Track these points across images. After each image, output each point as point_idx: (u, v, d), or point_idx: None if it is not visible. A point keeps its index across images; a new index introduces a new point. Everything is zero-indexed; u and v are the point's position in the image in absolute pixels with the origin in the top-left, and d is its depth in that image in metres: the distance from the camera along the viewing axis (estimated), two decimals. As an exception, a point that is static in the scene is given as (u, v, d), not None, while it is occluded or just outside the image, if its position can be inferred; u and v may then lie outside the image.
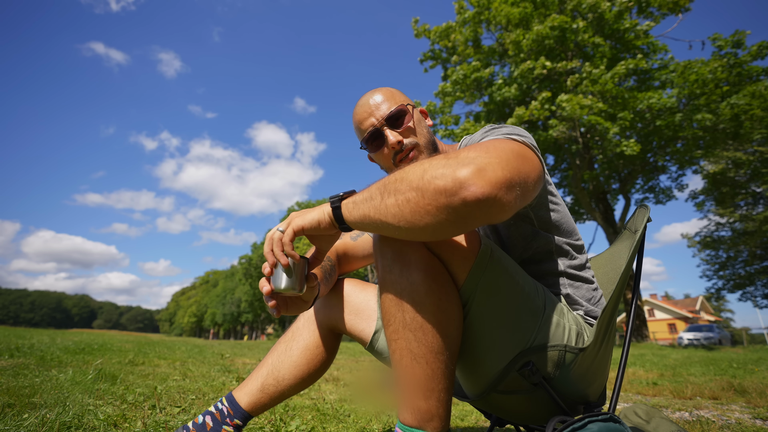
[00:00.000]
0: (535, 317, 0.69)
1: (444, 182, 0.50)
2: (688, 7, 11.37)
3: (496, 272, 0.66)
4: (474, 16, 12.71)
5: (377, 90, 0.91)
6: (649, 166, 13.33)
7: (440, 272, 0.63)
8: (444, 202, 0.50)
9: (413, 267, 0.61)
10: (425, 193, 0.51)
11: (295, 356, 0.90)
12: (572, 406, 0.77)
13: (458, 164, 0.51)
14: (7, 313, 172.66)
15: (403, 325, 0.61)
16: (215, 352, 5.65)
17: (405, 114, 0.87)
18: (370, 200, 0.59)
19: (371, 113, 0.88)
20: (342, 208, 0.63)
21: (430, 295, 0.60)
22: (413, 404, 0.60)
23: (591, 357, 0.75)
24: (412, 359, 0.60)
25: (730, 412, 2.07)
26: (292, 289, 0.67)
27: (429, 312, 0.60)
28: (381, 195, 0.57)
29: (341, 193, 0.65)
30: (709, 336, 18.20)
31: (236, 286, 45.37)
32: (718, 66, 9.99)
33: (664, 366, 4.82)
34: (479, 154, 0.53)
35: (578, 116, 10.03)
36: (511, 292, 0.67)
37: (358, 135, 0.93)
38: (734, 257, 17.90)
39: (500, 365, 0.68)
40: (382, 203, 0.56)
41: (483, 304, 0.65)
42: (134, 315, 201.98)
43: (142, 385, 2.02)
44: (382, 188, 0.57)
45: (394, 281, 0.62)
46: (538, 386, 0.70)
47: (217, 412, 0.85)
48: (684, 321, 38.13)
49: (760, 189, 14.56)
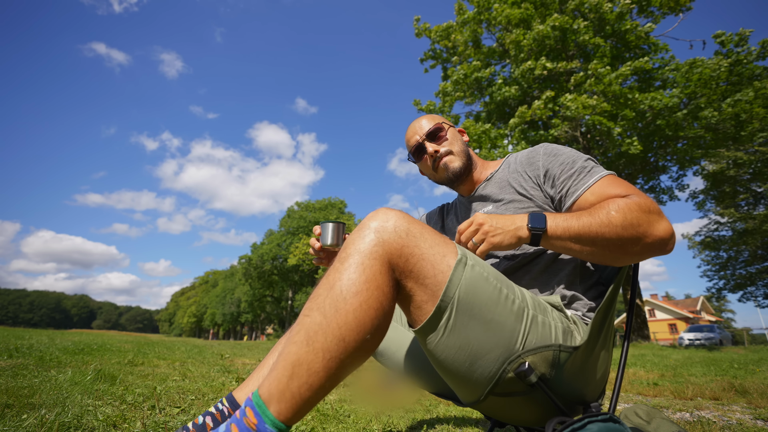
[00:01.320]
0: (519, 319, 0.70)
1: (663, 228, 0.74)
2: (690, 6, 11.35)
3: (474, 278, 0.67)
4: (474, 17, 12.71)
5: (423, 117, 1.12)
6: (650, 166, 13.32)
7: (382, 290, 0.63)
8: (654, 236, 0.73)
9: (362, 269, 0.63)
10: (641, 223, 0.73)
11: None
12: (571, 407, 0.76)
13: (660, 215, 0.75)
14: (6, 314, 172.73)
15: (319, 307, 0.62)
16: (215, 353, 5.65)
17: (441, 130, 1.09)
18: (576, 217, 0.76)
19: (416, 132, 1.10)
20: (548, 221, 0.77)
21: (357, 297, 0.61)
22: (278, 378, 0.59)
23: (586, 355, 0.76)
24: (305, 337, 0.60)
25: (731, 413, 2.06)
26: (334, 245, 0.88)
27: (345, 311, 0.60)
28: (590, 213, 0.76)
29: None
30: (710, 336, 18.19)
31: (236, 286, 45.35)
32: (720, 65, 9.96)
33: (665, 366, 4.81)
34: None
35: (582, 116, 10.01)
36: (491, 296, 0.68)
37: (408, 150, 1.14)
38: (735, 257, 17.89)
39: (492, 370, 0.68)
40: (593, 218, 0.74)
41: (465, 312, 0.66)
42: (134, 315, 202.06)
43: (141, 385, 2.02)
44: (591, 210, 0.76)
45: (340, 269, 0.64)
46: (535, 387, 0.70)
47: (217, 412, 0.84)
48: (685, 321, 38.12)
49: (761, 189, 14.56)
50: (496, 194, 1.00)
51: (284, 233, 35.81)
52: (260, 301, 40.33)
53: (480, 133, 11.47)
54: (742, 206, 16.31)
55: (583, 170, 0.87)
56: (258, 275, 35.90)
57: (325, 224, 0.91)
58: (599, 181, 0.84)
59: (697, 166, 13.77)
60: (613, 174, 0.85)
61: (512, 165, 1.02)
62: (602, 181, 0.84)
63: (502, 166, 1.06)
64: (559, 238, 0.76)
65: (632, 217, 0.73)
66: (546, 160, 0.93)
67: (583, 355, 0.75)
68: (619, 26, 11.18)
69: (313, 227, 1.04)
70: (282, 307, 40.21)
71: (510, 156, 1.07)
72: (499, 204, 0.98)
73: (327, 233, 0.90)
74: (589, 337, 0.75)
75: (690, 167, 13.44)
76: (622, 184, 0.82)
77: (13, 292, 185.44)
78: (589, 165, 0.87)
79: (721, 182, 14.87)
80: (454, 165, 1.05)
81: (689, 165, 13.16)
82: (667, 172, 13.70)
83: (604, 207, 0.76)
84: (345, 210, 36.86)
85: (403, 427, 1.60)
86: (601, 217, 0.74)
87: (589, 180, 0.85)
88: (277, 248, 34.50)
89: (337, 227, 0.91)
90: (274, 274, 35.81)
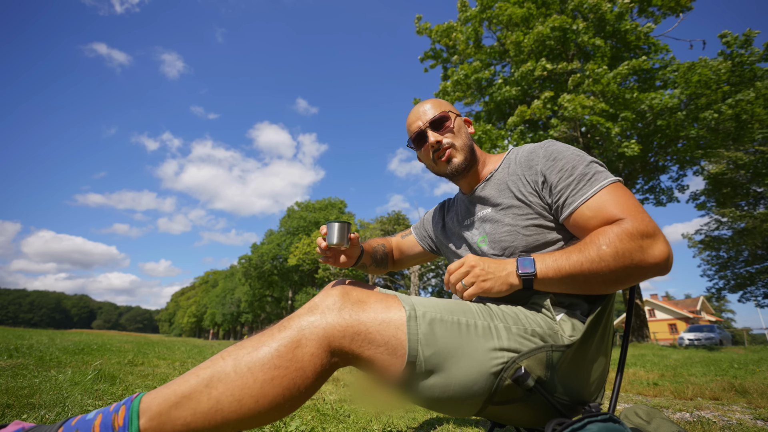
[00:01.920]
0: (489, 337, 0.70)
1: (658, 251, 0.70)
2: (690, 6, 11.35)
3: (430, 326, 0.67)
4: (476, 14, 12.70)
5: (428, 100, 1.04)
6: (650, 166, 13.31)
7: (303, 372, 0.62)
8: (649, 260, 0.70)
9: (292, 347, 0.62)
10: (634, 247, 0.70)
11: None
12: (570, 407, 0.77)
13: (657, 235, 0.72)
14: (6, 314, 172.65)
15: (236, 358, 0.61)
16: (215, 353, 5.63)
17: (447, 119, 1.00)
18: (565, 256, 0.74)
19: (419, 118, 1.02)
20: (537, 264, 0.75)
21: (273, 370, 0.60)
22: (165, 398, 0.58)
23: (581, 353, 0.76)
24: (209, 378, 0.59)
25: (731, 413, 2.06)
26: (340, 244, 0.91)
27: (254, 377, 0.60)
28: (580, 250, 0.73)
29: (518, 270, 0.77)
30: (710, 336, 18.17)
31: (236, 286, 45.34)
32: (721, 66, 9.94)
33: (665, 366, 4.81)
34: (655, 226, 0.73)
35: (580, 116, 10.01)
36: (453, 334, 0.68)
37: (409, 135, 1.07)
38: (735, 257, 17.89)
39: (484, 387, 0.68)
40: (583, 255, 0.72)
41: (433, 360, 0.66)
42: (134, 315, 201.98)
43: (141, 385, 2.02)
44: (581, 246, 0.74)
45: (275, 335, 0.64)
46: (533, 392, 0.70)
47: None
48: (685, 321, 38.10)
49: (761, 189, 14.55)
50: (495, 197, 0.97)
51: (284, 233, 35.82)
52: (260, 301, 40.32)
53: (481, 133, 11.48)
54: (742, 206, 16.31)
55: (583, 178, 0.81)
56: (258, 275, 35.89)
57: (331, 224, 0.93)
58: (598, 193, 0.79)
59: (697, 167, 13.76)
60: (617, 182, 0.80)
61: (512, 165, 0.97)
62: (602, 193, 0.79)
63: (502, 164, 1.00)
64: (551, 280, 0.75)
65: (624, 248, 0.70)
66: (544, 165, 0.87)
67: (578, 353, 0.76)
68: (619, 26, 11.18)
69: (313, 227, 1.00)
70: (282, 307, 40.19)
71: (511, 152, 1.01)
72: (498, 209, 0.95)
73: (333, 233, 0.92)
74: (584, 334, 0.75)
75: (690, 167, 13.45)
76: (620, 200, 0.77)
77: (13, 292, 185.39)
78: (590, 171, 0.82)
79: (721, 183, 14.86)
80: (455, 160, 0.99)
81: (689, 165, 13.16)
82: (667, 172, 13.70)
83: (594, 241, 0.73)
84: (345, 210, 36.87)
85: (403, 427, 1.60)
86: (591, 254, 0.72)
87: (588, 191, 0.80)
88: (277, 248, 34.51)
89: (343, 227, 0.93)
90: (274, 274, 35.81)
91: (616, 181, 0.81)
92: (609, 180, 0.80)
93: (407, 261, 1.30)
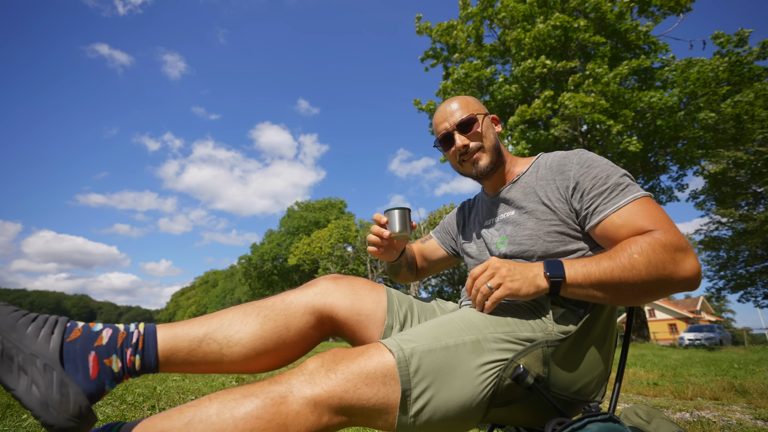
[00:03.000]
0: (479, 353, 0.69)
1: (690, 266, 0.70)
2: (690, 7, 11.35)
3: (419, 360, 0.66)
4: (478, 12, 12.70)
5: (456, 98, 1.03)
6: (650, 166, 13.31)
7: (280, 422, 0.59)
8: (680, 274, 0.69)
9: (271, 395, 0.60)
10: (668, 257, 0.69)
11: (265, 325, 0.75)
12: (570, 405, 0.77)
13: (689, 252, 0.70)
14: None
15: (228, 393, 0.61)
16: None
17: (474, 122, 0.99)
18: (595, 262, 0.72)
19: (446, 119, 1.01)
20: (566, 268, 0.73)
21: (255, 413, 0.59)
22: (146, 429, 0.57)
23: (577, 348, 0.76)
24: (195, 408, 0.59)
25: (731, 413, 2.06)
26: (404, 232, 0.85)
27: (236, 420, 0.58)
28: (611, 257, 0.72)
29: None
30: (710, 336, 18.16)
31: (236, 286, 45.35)
32: (719, 64, 9.95)
33: (665, 366, 4.81)
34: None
35: (581, 114, 10.00)
36: (441, 359, 0.67)
37: (436, 135, 1.05)
38: (735, 257, 17.90)
39: (483, 395, 0.68)
40: (614, 262, 0.71)
41: (429, 389, 0.65)
42: (133, 315, 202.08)
43: (141, 385, 2.02)
44: (611, 254, 0.72)
45: (263, 386, 0.63)
46: (533, 391, 0.70)
47: (123, 331, 0.68)
48: (685, 321, 38.09)
49: (761, 189, 14.55)
50: (520, 200, 0.95)
51: (284, 233, 35.82)
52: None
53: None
54: (742, 206, 16.32)
55: (616, 188, 0.80)
56: (258, 275, 35.89)
57: (392, 212, 0.86)
58: (630, 203, 0.78)
59: (697, 167, 13.77)
60: (648, 196, 0.79)
61: (541, 170, 0.95)
62: (634, 204, 0.78)
63: (530, 168, 0.99)
64: (580, 286, 0.73)
65: (656, 259, 0.68)
66: (578, 171, 0.86)
67: (575, 348, 0.76)
68: (620, 25, 11.18)
69: (313, 227, 0.91)
70: (282, 307, 40.21)
71: (540, 157, 1.00)
72: (521, 211, 0.93)
73: (395, 221, 0.85)
74: (580, 329, 0.76)
75: (690, 167, 13.45)
76: (652, 213, 0.76)
77: (13, 292, 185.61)
78: (623, 182, 0.81)
79: (721, 183, 14.87)
80: (482, 163, 0.98)
81: (689, 165, 13.16)
82: (667, 172, 13.70)
83: (626, 249, 0.71)
84: (345, 210, 36.88)
85: None
86: (622, 261, 0.70)
87: (621, 201, 0.79)
88: (277, 248, 34.51)
89: (404, 213, 0.86)
90: (274, 274, 35.81)
91: (648, 195, 0.80)
92: (641, 193, 0.79)
93: (431, 268, 1.27)
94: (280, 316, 0.76)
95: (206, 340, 0.71)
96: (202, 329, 0.72)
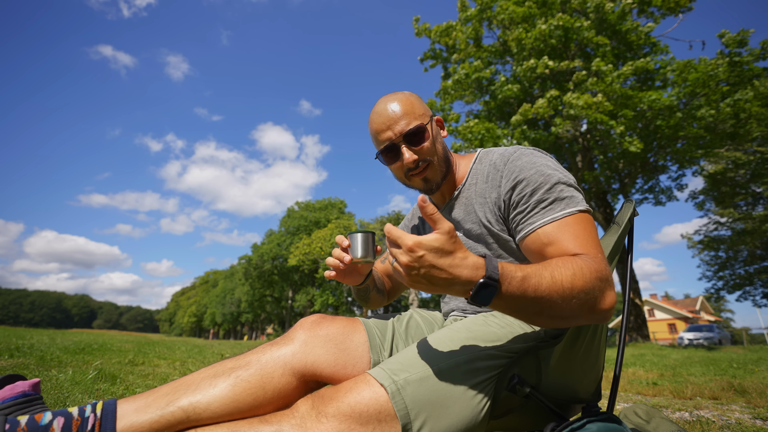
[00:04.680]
0: (474, 375, 0.67)
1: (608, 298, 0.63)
2: (690, 7, 11.35)
3: (417, 389, 0.64)
4: (476, 14, 12.70)
5: (396, 98, 0.89)
6: (650, 166, 13.31)
7: None
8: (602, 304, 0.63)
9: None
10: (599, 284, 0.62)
11: (237, 387, 0.69)
12: (567, 407, 0.77)
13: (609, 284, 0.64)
14: (7, 313, 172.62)
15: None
16: (215, 352, 5.65)
17: (423, 132, 0.87)
18: (532, 276, 0.59)
19: (389, 126, 0.87)
20: (503, 276, 0.57)
21: None
22: None
23: (569, 347, 0.74)
24: None
25: (730, 413, 2.07)
26: (366, 258, 0.79)
27: None
28: (545, 269, 0.61)
29: None
30: (709, 336, 18.18)
31: (236, 286, 45.32)
32: (719, 64, 9.96)
33: (664, 366, 4.82)
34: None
35: (585, 115, 10.00)
36: (436, 388, 0.65)
37: (375, 144, 0.92)
38: (734, 257, 17.92)
39: (480, 418, 0.66)
40: (551, 277, 0.59)
41: (429, 419, 0.63)
42: (134, 315, 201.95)
43: (142, 385, 2.02)
44: (545, 266, 0.62)
45: (267, 418, 0.64)
46: (530, 398, 0.69)
47: (78, 418, 0.61)
48: (684, 321, 38.12)
49: (760, 189, 14.57)
50: (464, 221, 0.92)
51: (284, 233, 35.81)
52: (260, 300, 40.29)
53: (484, 132, 11.44)
54: (741, 206, 16.33)
55: (543, 201, 0.74)
56: (258, 275, 35.88)
57: (354, 235, 0.80)
58: (560, 220, 0.72)
59: (697, 167, 13.78)
60: (585, 213, 0.73)
61: (479, 182, 0.89)
62: (563, 221, 0.71)
63: (469, 178, 0.93)
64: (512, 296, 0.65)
65: (590, 286, 0.61)
66: (507, 184, 0.80)
67: (565, 350, 0.74)
68: (620, 26, 11.19)
69: (313, 227, 0.83)
70: (282, 306, 40.20)
71: (479, 161, 0.92)
72: (469, 234, 0.91)
73: (357, 245, 0.79)
74: (570, 330, 0.74)
75: (689, 167, 13.46)
76: (581, 234, 0.69)
77: (15, 291, 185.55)
78: (551, 197, 0.74)
79: (720, 183, 14.88)
80: (432, 178, 0.90)
81: (689, 165, 13.17)
82: (667, 172, 13.71)
83: (567, 266, 0.63)
84: (345, 210, 36.85)
85: None
86: (563, 280, 0.62)
87: (548, 216, 0.73)
88: (278, 248, 34.49)
89: (367, 237, 0.80)
90: (274, 273, 35.81)
91: (581, 211, 0.73)
92: (575, 209, 0.72)
93: (399, 287, 1.16)
94: (255, 377, 0.69)
95: (170, 409, 0.64)
96: (165, 398, 0.66)
